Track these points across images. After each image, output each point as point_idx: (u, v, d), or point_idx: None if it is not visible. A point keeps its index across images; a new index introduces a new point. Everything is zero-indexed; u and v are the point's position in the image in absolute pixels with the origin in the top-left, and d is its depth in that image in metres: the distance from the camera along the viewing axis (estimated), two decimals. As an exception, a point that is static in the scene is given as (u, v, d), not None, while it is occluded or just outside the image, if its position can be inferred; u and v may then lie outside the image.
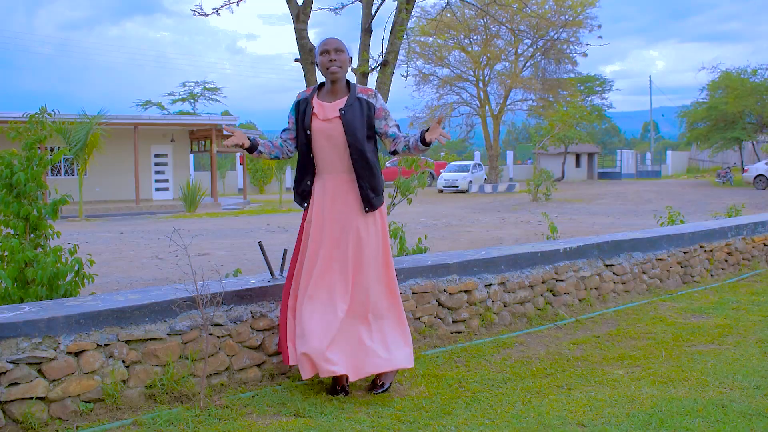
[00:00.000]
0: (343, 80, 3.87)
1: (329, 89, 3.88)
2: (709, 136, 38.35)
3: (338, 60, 3.78)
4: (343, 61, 3.81)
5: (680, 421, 3.38)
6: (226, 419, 3.44)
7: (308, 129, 3.81)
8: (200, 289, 3.76)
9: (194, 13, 8.23)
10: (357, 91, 3.86)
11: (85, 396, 3.41)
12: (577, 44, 37.89)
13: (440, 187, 36.24)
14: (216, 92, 50.80)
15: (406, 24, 7.80)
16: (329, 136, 3.80)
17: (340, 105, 3.80)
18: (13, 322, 3.23)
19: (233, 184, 41.53)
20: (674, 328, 5.25)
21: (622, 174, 49.67)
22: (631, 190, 30.63)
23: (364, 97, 3.84)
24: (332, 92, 3.87)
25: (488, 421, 3.45)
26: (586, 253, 5.98)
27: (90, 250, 10.77)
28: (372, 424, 3.41)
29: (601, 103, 51.92)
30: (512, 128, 62.70)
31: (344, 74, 3.86)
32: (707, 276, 7.26)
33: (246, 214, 22.89)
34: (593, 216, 19.12)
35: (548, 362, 4.44)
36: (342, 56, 3.80)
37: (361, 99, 3.83)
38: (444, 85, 39.67)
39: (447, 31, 35.99)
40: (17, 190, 4.66)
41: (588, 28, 37.18)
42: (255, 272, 8.05)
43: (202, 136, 29.17)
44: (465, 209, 22.95)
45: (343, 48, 3.83)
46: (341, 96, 3.86)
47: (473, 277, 5.10)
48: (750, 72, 37.05)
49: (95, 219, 21.89)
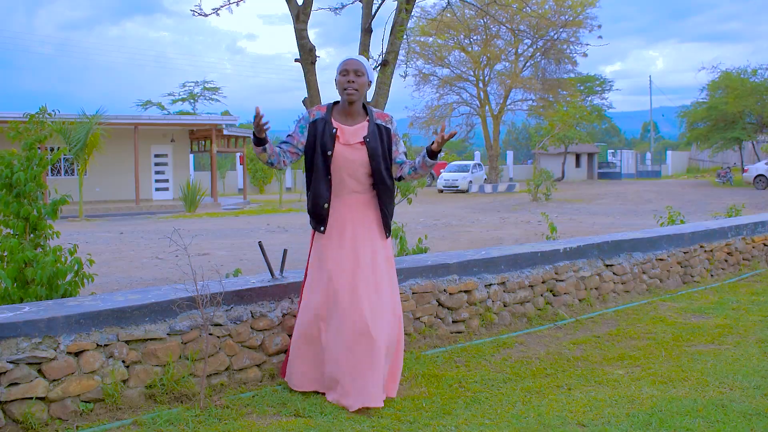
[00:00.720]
0: (359, 103, 3.84)
1: (345, 110, 3.83)
2: (709, 136, 38.36)
3: (356, 83, 3.74)
4: (362, 84, 3.77)
5: (680, 421, 3.38)
6: (226, 419, 3.44)
7: (330, 151, 3.75)
8: (200, 289, 3.76)
9: (194, 13, 8.22)
10: (375, 116, 3.85)
11: (85, 396, 3.41)
12: (577, 44, 37.93)
13: (440, 187, 36.26)
14: (216, 92, 50.78)
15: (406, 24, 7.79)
16: (351, 161, 3.76)
17: (362, 130, 3.79)
18: (13, 322, 3.23)
19: (233, 184, 41.53)
20: (674, 328, 5.25)
21: (622, 174, 49.68)
22: (631, 190, 30.63)
23: (382, 124, 3.85)
24: (349, 114, 3.83)
25: (488, 421, 3.45)
26: (586, 253, 5.98)
27: (90, 250, 10.77)
28: (372, 424, 3.41)
29: (601, 103, 51.95)
30: (512, 128, 62.68)
31: (360, 97, 3.81)
32: (707, 276, 7.26)
33: (246, 214, 22.89)
34: (593, 216, 19.12)
35: (548, 362, 4.44)
36: (361, 79, 3.76)
37: (380, 126, 3.83)
38: (444, 85, 39.69)
39: (447, 31, 35.99)
40: (17, 190, 4.66)
41: (588, 28, 37.22)
42: (255, 272, 8.05)
43: (202, 136, 29.17)
44: (465, 209, 22.96)
45: (364, 71, 3.77)
46: (359, 119, 3.83)
47: (473, 277, 5.10)
48: (750, 72, 37.07)
49: (95, 219, 21.89)
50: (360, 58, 3.82)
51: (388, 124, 3.88)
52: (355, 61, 3.78)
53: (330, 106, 3.88)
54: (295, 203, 27.15)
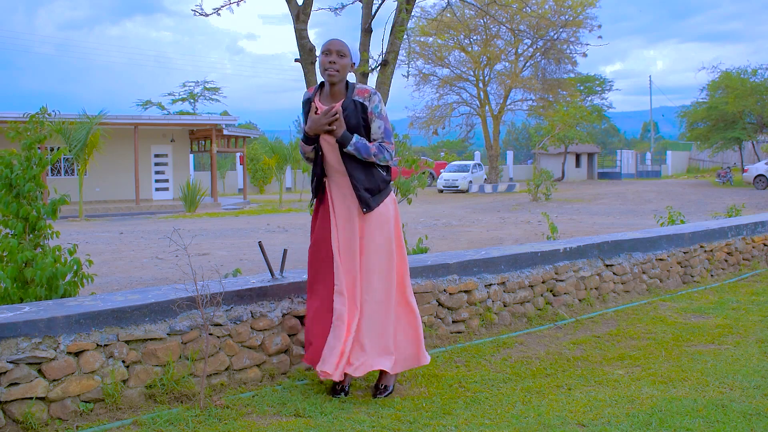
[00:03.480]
0: (342, 83, 3.84)
1: (328, 91, 3.86)
2: (709, 136, 38.36)
3: (337, 63, 3.74)
4: (343, 65, 3.77)
5: (680, 421, 3.38)
6: (226, 419, 3.44)
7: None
8: (200, 289, 3.76)
9: (195, 13, 8.23)
10: (355, 93, 3.83)
11: (85, 396, 3.41)
12: (577, 44, 37.92)
13: (440, 187, 36.25)
14: (216, 92, 50.82)
15: (406, 24, 7.80)
16: (326, 140, 3.82)
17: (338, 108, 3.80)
18: (13, 322, 3.23)
19: (233, 184, 41.53)
20: (674, 328, 5.25)
21: (622, 174, 49.68)
22: (631, 190, 30.62)
23: (359, 100, 3.81)
24: (331, 94, 3.85)
25: (488, 421, 3.45)
26: (586, 253, 5.98)
27: (90, 250, 10.78)
28: (372, 424, 3.41)
29: (601, 103, 51.95)
30: (512, 128, 62.65)
31: (341, 78, 3.80)
32: (707, 276, 7.26)
33: (246, 214, 22.89)
34: (593, 216, 19.12)
35: (548, 362, 4.44)
36: (343, 60, 3.76)
37: (356, 102, 3.80)
38: (444, 85, 39.68)
39: (447, 31, 36.00)
40: (17, 190, 4.66)
41: (588, 28, 37.21)
42: (255, 272, 8.06)
43: (202, 136, 29.16)
44: (465, 209, 22.95)
45: (346, 52, 3.78)
46: (339, 99, 3.84)
47: (473, 277, 5.10)
48: (750, 72, 37.06)
49: (95, 219, 21.89)
50: (344, 40, 3.83)
51: (366, 100, 3.80)
52: (338, 42, 3.79)
53: (317, 88, 3.94)
54: (295, 203, 27.15)
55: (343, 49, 3.77)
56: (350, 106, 3.78)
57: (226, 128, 27.92)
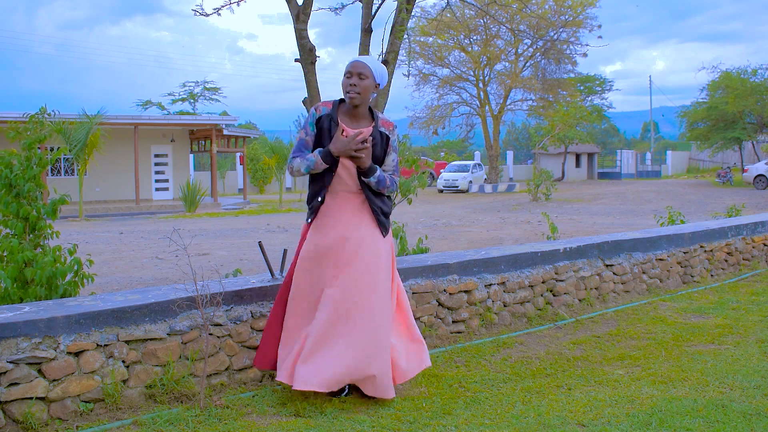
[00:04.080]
0: (364, 105, 3.79)
1: (350, 111, 3.80)
2: (709, 136, 38.35)
3: (359, 86, 3.69)
4: (365, 87, 3.71)
5: (680, 421, 3.38)
6: (226, 419, 3.44)
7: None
8: (200, 289, 3.77)
9: (195, 13, 8.22)
10: (380, 124, 3.83)
11: (85, 396, 3.41)
12: (577, 44, 37.88)
13: (440, 187, 36.25)
14: (216, 92, 50.80)
15: (406, 24, 7.79)
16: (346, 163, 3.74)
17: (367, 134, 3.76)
18: (13, 322, 3.23)
19: (233, 184, 41.53)
20: (674, 328, 5.25)
21: (622, 174, 49.68)
22: (631, 190, 30.62)
23: (385, 132, 3.83)
24: (354, 115, 3.81)
25: (488, 421, 3.45)
26: (586, 253, 5.98)
27: (90, 250, 10.78)
28: (372, 424, 3.41)
29: (600, 103, 51.93)
30: (512, 128, 62.63)
31: (363, 100, 3.75)
32: (707, 276, 7.26)
33: (246, 214, 22.89)
34: (593, 216, 19.11)
35: (548, 362, 4.44)
36: (364, 82, 3.70)
37: (382, 133, 3.81)
38: (444, 85, 39.67)
39: (447, 31, 35.98)
40: (17, 190, 4.66)
41: (588, 28, 37.19)
42: (255, 272, 8.06)
43: (202, 136, 29.16)
44: (465, 209, 22.95)
45: (368, 73, 3.71)
46: (363, 122, 3.82)
47: (473, 277, 5.10)
48: (750, 72, 37.04)
49: (95, 219, 21.89)
50: (367, 60, 3.77)
51: (390, 133, 3.86)
52: (359, 63, 3.73)
53: (336, 103, 3.85)
54: (295, 203, 27.15)
55: (364, 71, 3.71)
56: (377, 137, 3.79)
57: (226, 128, 27.92)
